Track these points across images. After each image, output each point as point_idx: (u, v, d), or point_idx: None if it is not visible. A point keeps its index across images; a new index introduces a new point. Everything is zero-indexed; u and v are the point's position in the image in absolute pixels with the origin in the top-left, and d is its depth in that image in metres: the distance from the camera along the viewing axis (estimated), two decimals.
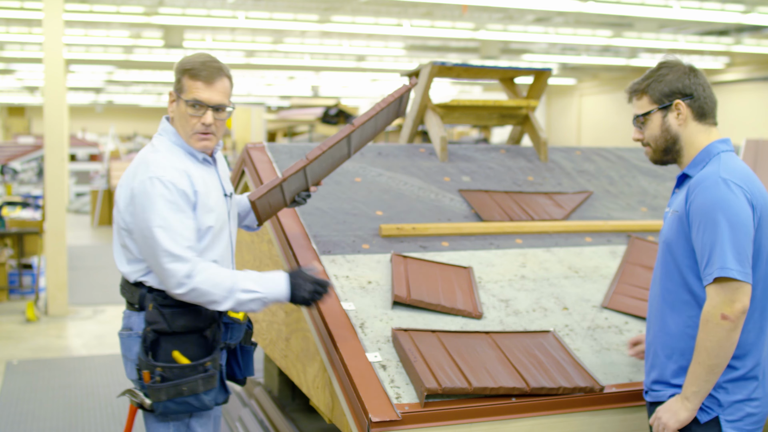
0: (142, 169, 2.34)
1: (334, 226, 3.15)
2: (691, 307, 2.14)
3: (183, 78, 2.39)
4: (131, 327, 2.43)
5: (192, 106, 2.35)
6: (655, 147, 2.27)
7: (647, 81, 2.26)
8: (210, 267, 2.28)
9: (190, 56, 2.44)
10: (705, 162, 2.18)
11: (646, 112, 2.26)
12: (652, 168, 4.16)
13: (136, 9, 11.60)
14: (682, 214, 2.14)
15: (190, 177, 2.35)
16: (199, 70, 2.36)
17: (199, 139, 2.39)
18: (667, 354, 2.19)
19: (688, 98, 2.21)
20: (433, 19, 12.87)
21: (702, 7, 11.42)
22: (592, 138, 23.14)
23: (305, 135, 14.69)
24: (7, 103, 28.16)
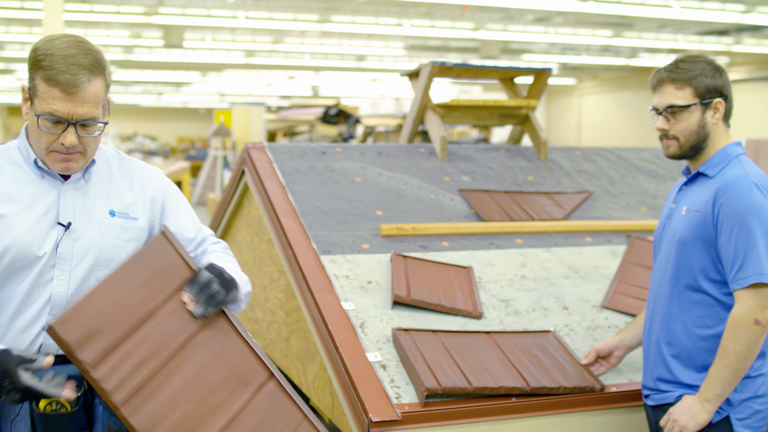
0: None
1: (334, 226, 3.15)
2: (701, 307, 2.14)
3: (36, 76, 1.78)
4: None
5: (47, 120, 1.77)
6: (684, 141, 2.20)
7: (693, 72, 2.17)
8: None
9: (47, 40, 1.79)
10: (723, 164, 2.17)
11: (687, 104, 2.17)
12: (652, 168, 4.16)
13: (136, 9, 11.60)
14: (707, 216, 2.12)
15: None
16: (59, 72, 1.74)
17: (59, 159, 1.82)
18: (674, 354, 2.18)
19: (724, 98, 2.19)
20: (433, 19, 12.87)
21: (702, 7, 11.42)
22: (592, 138, 23.14)
23: (305, 135, 14.70)
24: (7, 103, 28.17)
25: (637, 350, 2.74)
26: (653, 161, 4.23)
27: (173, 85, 24.01)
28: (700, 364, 2.15)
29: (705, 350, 2.14)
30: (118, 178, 1.97)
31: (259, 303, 3.54)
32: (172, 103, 30.13)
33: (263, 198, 3.28)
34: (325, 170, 3.53)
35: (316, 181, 3.43)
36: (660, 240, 2.33)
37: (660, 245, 2.32)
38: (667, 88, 2.20)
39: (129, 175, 1.99)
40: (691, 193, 2.23)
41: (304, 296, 2.79)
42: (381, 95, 25.88)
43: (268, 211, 3.22)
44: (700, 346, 2.14)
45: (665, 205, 2.39)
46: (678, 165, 4.15)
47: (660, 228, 2.34)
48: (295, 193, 3.29)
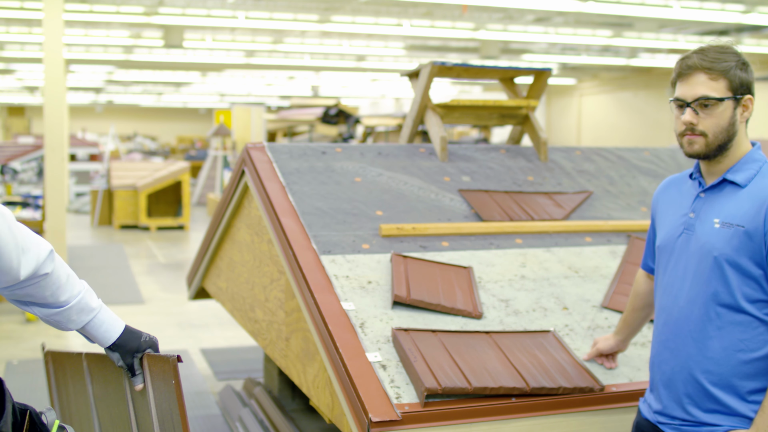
0: None
1: (334, 226, 3.15)
2: (742, 329, 1.96)
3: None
4: None
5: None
6: (713, 139, 1.99)
7: (729, 64, 1.97)
8: None
9: None
10: (754, 170, 2.01)
11: (722, 98, 1.97)
12: (652, 168, 4.16)
13: (136, 9, 11.61)
14: (756, 231, 1.94)
15: None
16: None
17: None
18: (714, 382, 1.99)
19: (752, 96, 2.02)
20: (433, 19, 12.87)
21: (702, 7, 11.42)
22: (592, 138, 23.14)
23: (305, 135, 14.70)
24: (7, 103, 28.17)
25: (637, 350, 2.74)
26: (653, 161, 4.23)
27: (173, 85, 24.01)
28: (744, 391, 1.98)
29: (749, 375, 1.97)
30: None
31: (259, 303, 3.54)
32: (172, 103, 30.14)
33: (263, 198, 3.28)
34: (325, 170, 3.53)
35: (316, 181, 3.43)
36: (672, 252, 2.11)
37: (672, 258, 2.11)
38: (699, 77, 1.97)
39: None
40: (721, 203, 2.02)
41: (304, 296, 2.79)
42: (381, 95, 25.89)
43: (268, 211, 3.22)
44: (743, 371, 1.96)
45: (664, 211, 2.21)
46: (678, 164, 4.15)
47: (672, 239, 2.12)
48: (295, 193, 3.29)
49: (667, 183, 2.28)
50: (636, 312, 2.46)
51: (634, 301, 2.45)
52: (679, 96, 2.02)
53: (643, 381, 2.58)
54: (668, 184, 2.27)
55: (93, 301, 1.82)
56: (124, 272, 9.64)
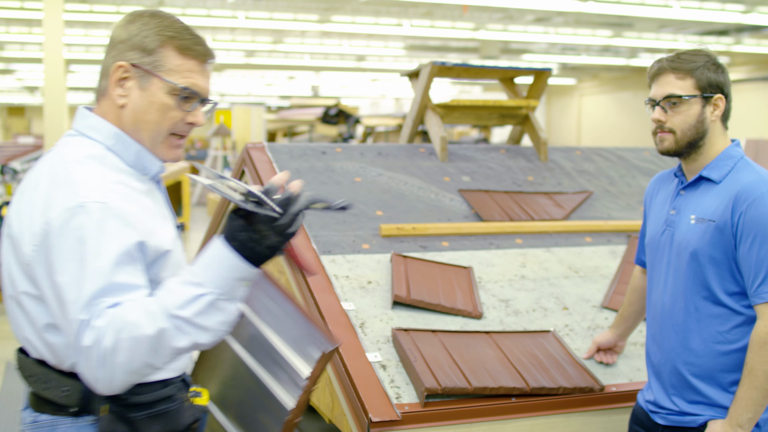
0: (61, 192, 1.49)
1: (334, 226, 3.16)
2: (720, 322, 2.02)
3: (163, 49, 1.60)
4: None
5: (180, 97, 1.60)
6: (681, 136, 2.07)
7: (696, 64, 2.04)
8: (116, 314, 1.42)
9: (157, 16, 1.64)
10: (729, 167, 2.06)
11: (689, 95, 2.04)
12: (652, 168, 4.16)
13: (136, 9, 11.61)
14: (725, 225, 1.99)
15: (142, 208, 1.57)
16: (193, 43, 1.62)
17: (174, 145, 1.65)
18: (695, 373, 2.05)
19: (724, 96, 2.08)
20: (433, 19, 12.88)
21: (702, 7, 11.43)
22: (592, 138, 23.15)
23: (305, 135, 14.70)
24: (7, 103, 28.18)
25: (637, 350, 2.75)
26: (653, 161, 4.23)
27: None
28: (724, 382, 2.03)
29: (727, 366, 2.02)
30: None
31: None
32: None
33: None
34: (325, 170, 3.53)
35: (316, 181, 3.43)
36: (658, 248, 2.18)
37: (658, 254, 2.18)
38: (667, 77, 2.07)
39: None
40: (697, 199, 2.08)
41: (304, 296, 2.79)
42: (381, 95, 25.89)
43: None
44: (722, 363, 2.02)
45: (652, 207, 2.26)
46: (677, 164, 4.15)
47: (657, 235, 2.19)
48: None
49: (656, 179, 2.36)
50: (632, 306, 2.51)
51: (630, 295, 2.51)
52: (650, 96, 2.12)
53: (643, 381, 2.58)
54: (657, 180, 2.35)
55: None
56: None
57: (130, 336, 1.39)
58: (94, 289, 1.41)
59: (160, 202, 1.68)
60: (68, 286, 1.43)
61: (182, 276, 1.47)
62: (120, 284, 1.43)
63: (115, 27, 1.65)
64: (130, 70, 1.59)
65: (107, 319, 1.39)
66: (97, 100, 1.66)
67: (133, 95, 1.60)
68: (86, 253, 1.43)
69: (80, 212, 1.45)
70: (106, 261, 1.43)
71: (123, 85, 1.60)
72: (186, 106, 1.61)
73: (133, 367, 1.42)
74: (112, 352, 1.39)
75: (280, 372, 1.86)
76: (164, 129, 1.62)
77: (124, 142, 1.61)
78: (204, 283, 1.44)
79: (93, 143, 1.60)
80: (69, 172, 1.51)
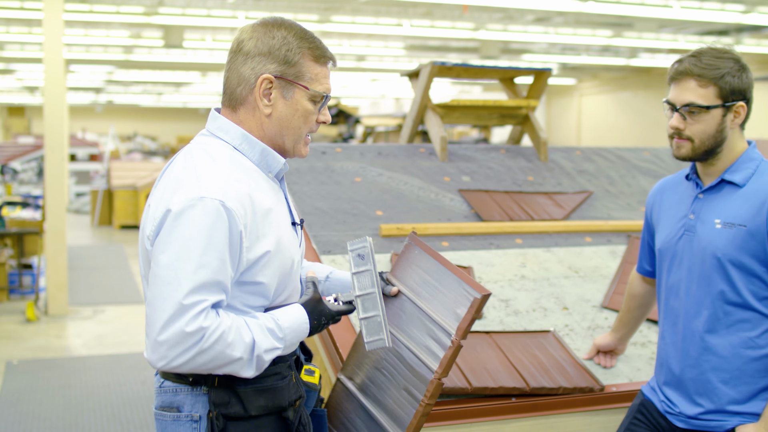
0: (189, 184, 1.65)
1: (334, 226, 3.16)
2: (750, 327, 1.99)
3: (303, 60, 1.75)
4: (179, 407, 1.75)
5: (317, 102, 1.78)
6: (699, 144, 2.01)
7: (720, 71, 1.96)
8: (223, 322, 1.63)
9: (287, 27, 1.77)
10: (751, 169, 2.02)
11: (709, 105, 1.97)
12: (652, 168, 4.16)
13: (136, 9, 11.60)
14: (757, 229, 1.95)
15: (255, 209, 1.69)
16: (324, 50, 1.79)
17: (307, 142, 1.86)
18: (724, 379, 2.01)
19: (746, 102, 2.02)
20: (433, 19, 12.87)
21: (702, 7, 11.42)
22: (592, 138, 23.14)
23: None
24: (7, 103, 28.17)
25: (637, 350, 2.75)
26: (653, 161, 4.23)
27: (173, 85, 24.01)
28: (754, 388, 2.00)
29: (758, 372, 1.99)
30: None
31: None
32: (172, 103, 30.14)
33: None
34: (325, 170, 3.53)
35: (316, 181, 3.43)
36: (675, 254, 2.12)
37: (675, 260, 2.11)
38: (688, 83, 1.98)
39: None
40: (720, 203, 2.03)
41: None
42: (381, 95, 25.89)
43: None
44: (752, 368, 1.99)
45: (662, 213, 2.20)
46: (678, 164, 4.15)
47: (672, 241, 2.12)
48: (295, 193, 3.29)
49: (661, 185, 2.29)
50: (631, 312, 2.49)
51: (629, 301, 2.47)
52: (670, 99, 2.04)
53: (643, 381, 2.58)
54: (663, 185, 2.28)
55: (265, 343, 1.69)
56: (124, 272, 9.64)
57: (221, 351, 1.60)
58: (195, 280, 1.58)
59: (282, 200, 1.84)
60: (169, 266, 1.59)
61: (271, 324, 1.70)
62: (217, 282, 1.61)
63: (245, 38, 1.76)
64: (274, 82, 1.74)
65: (212, 323, 1.59)
66: (232, 107, 1.79)
67: (278, 105, 1.76)
68: (193, 242, 1.59)
69: (199, 204, 1.60)
70: (210, 256, 1.60)
71: (269, 97, 1.75)
72: (319, 107, 1.80)
73: (200, 368, 1.62)
74: (200, 353, 1.59)
75: (430, 341, 1.87)
76: (304, 132, 1.81)
77: (249, 141, 1.77)
78: (283, 340, 1.71)
79: (222, 143, 1.76)
80: (197, 167, 1.67)
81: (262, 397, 1.74)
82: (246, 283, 1.70)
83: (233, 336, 1.62)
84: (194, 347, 1.58)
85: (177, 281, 1.58)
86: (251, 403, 1.72)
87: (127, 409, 4.93)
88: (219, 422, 1.70)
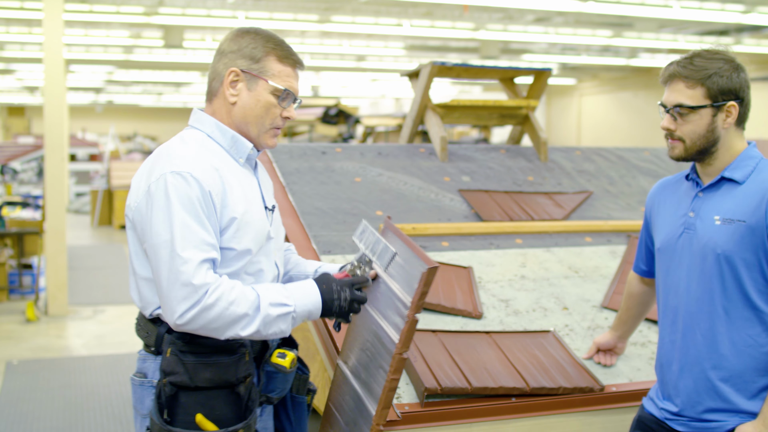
0: (162, 162, 1.89)
1: (334, 226, 3.15)
2: (753, 324, 1.98)
3: (268, 58, 1.97)
4: (145, 373, 1.96)
5: (280, 97, 1.98)
6: (690, 144, 2.03)
7: (707, 71, 1.98)
8: (224, 282, 1.82)
9: (260, 32, 2.01)
10: (750, 167, 2.02)
11: (698, 106, 2.00)
12: (652, 168, 4.16)
13: (136, 9, 11.60)
14: (757, 225, 1.95)
15: (224, 181, 1.91)
16: (290, 53, 2.01)
17: (274, 134, 2.04)
18: (724, 378, 2.01)
19: (739, 101, 2.02)
20: (433, 19, 12.86)
21: (702, 7, 11.41)
22: (592, 138, 23.13)
23: (305, 135, 14.69)
24: (7, 103, 28.16)
25: (636, 350, 2.75)
26: (653, 161, 4.23)
27: (173, 85, 24.01)
28: (754, 387, 1.99)
29: (759, 371, 1.99)
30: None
31: None
32: (172, 103, 30.14)
33: None
34: (325, 170, 3.53)
35: (316, 181, 3.43)
36: (674, 253, 2.11)
37: (675, 258, 2.11)
38: (677, 84, 2.02)
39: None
40: (719, 200, 2.04)
41: None
42: (381, 95, 25.88)
43: None
44: (753, 367, 1.98)
45: (662, 213, 2.20)
46: (677, 164, 4.15)
47: (672, 239, 2.12)
48: (295, 193, 3.29)
49: (661, 185, 2.29)
50: (630, 311, 2.50)
51: (627, 301, 2.48)
52: (662, 101, 2.08)
53: (643, 381, 2.58)
54: (662, 185, 2.28)
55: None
56: (124, 272, 9.64)
57: (225, 308, 1.78)
58: (186, 239, 1.79)
59: (253, 185, 2.02)
60: (159, 234, 1.81)
61: (278, 287, 1.89)
62: (203, 240, 1.81)
63: (223, 41, 2.03)
64: (240, 75, 1.97)
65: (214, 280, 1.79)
66: (208, 100, 2.05)
67: (242, 95, 1.98)
68: (173, 208, 1.81)
69: (170, 177, 1.84)
70: (190, 218, 1.81)
71: (234, 87, 1.98)
72: (283, 104, 2.00)
73: (210, 326, 1.79)
74: (205, 309, 1.77)
75: (398, 318, 1.92)
76: (267, 122, 2.00)
77: (221, 129, 2.00)
78: (291, 298, 1.87)
79: (198, 132, 2.01)
80: (169, 149, 1.93)
81: (208, 371, 1.87)
82: (222, 249, 1.89)
83: (236, 294, 1.80)
84: (199, 303, 1.77)
85: (170, 244, 1.79)
86: (197, 374, 1.86)
87: (127, 409, 4.92)
88: (167, 389, 1.85)
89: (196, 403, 1.86)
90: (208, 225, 1.84)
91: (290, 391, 2.12)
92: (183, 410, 1.85)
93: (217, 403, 1.87)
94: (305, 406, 2.15)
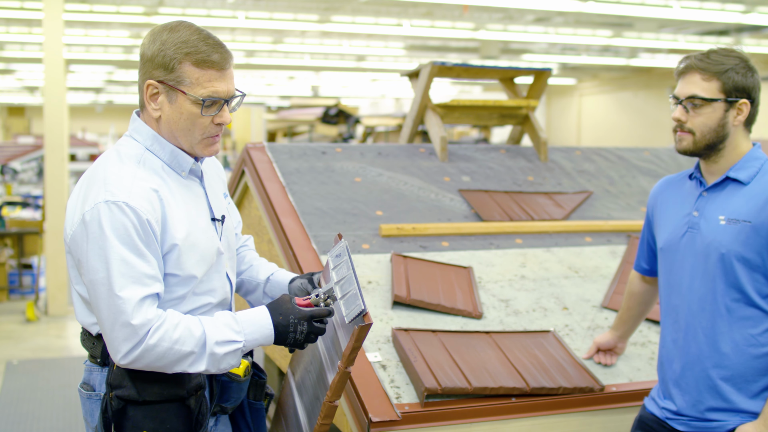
0: (96, 188, 1.75)
1: (334, 226, 3.15)
2: (753, 324, 1.99)
3: (182, 66, 1.77)
4: (93, 386, 1.88)
5: (203, 106, 1.79)
6: (700, 137, 2.03)
7: (724, 66, 2.01)
8: (168, 318, 1.71)
9: (175, 32, 1.80)
10: (756, 168, 2.03)
11: (712, 98, 2.01)
12: (652, 168, 4.16)
13: (136, 9, 11.60)
14: (761, 226, 1.96)
15: (164, 203, 1.78)
16: (207, 54, 1.77)
17: (209, 143, 1.86)
18: (725, 377, 2.01)
19: (751, 101, 2.03)
20: (433, 19, 12.86)
21: (702, 7, 11.41)
22: (592, 138, 23.13)
23: (305, 135, 14.69)
24: (7, 103, 28.15)
25: (636, 350, 2.75)
26: (653, 161, 4.23)
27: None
28: (756, 387, 2.00)
29: (759, 371, 1.99)
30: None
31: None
32: None
33: (263, 198, 3.28)
34: (325, 170, 3.53)
35: (316, 181, 3.43)
36: (677, 252, 2.12)
37: (678, 257, 2.11)
38: (693, 76, 2.03)
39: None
40: (724, 200, 2.04)
41: None
42: (381, 95, 25.88)
43: (268, 211, 3.22)
44: (754, 367, 1.99)
45: (665, 212, 2.20)
46: (678, 164, 4.15)
47: (676, 238, 2.12)
48: (295, 193, 3.29)
49: (664, 184, 2.29)
50: (631, 310, 2.50)
51: (628, 300, 2.48)
52: (675, 93, 2.08)
53: (643, 381, 2.58)
54: (665, 184, 2.28)
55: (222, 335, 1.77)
56: None
57: (168, 348, 1.69)
58: (124, 275, 1.68)
59: (198, 196, 1.90)
60: (97, 270, 1.69)
61: (228, 319, 1.77)
62: (144, 274, 1.70)
63: (142, 44, 1.84)
64: (158, 87, 1.80)
65: (156, 316, 1.69)
66: (141, 110, 1.90)
67: (164, 108, 1.82)
68: (109, 243, 1.68)
69: (104, 208, 1.70)
70: (128, 251, 1.69)
71: (155, 100, 1.82)
72: (211, 111, 1.81)
73: (155, 363, 1.70)
74: (147, 350, 1.68)
75: (335, 355, 1.89)
76: (197, 134, 1.83)
77: (160, 143, 1.85)
78: (241, 333, 1.77)
79: (136, 144, 1.86)
80: (105, 171, 1.78)
81: (157, 384, 1.79)
82: (167, 275, 1.79)
83: (180, 332, 1.71)
84: (141, 344, 1.68)
85: (108, 282, 1.68)
86: (145, 388, 1.78)
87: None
88: (114, 403, 1.77)
89: (145, 417, 1.77)
90: (149, 255, 1.72)
91: (247, 397, 2.04)
92: (131, 424, 1.77)
93: (167, 416, 1.79)
94: (263, 411, 2.06)
